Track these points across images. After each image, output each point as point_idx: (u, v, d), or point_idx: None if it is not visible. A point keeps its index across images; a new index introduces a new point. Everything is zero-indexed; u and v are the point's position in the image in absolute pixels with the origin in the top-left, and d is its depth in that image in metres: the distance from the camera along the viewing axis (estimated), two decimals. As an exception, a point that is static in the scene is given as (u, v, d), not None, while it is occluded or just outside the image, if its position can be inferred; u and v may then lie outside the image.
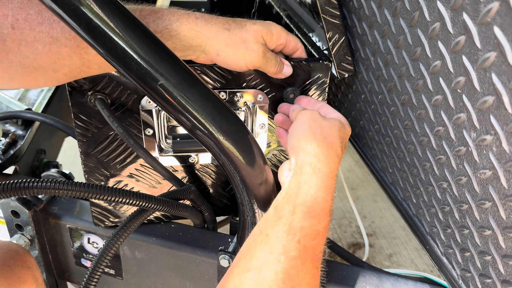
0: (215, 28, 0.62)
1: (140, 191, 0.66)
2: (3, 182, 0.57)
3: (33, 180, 0.58)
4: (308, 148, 0.55)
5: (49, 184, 0.58)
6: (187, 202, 0.79)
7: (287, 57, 0.73)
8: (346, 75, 0.79)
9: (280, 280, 0.48)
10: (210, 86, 0.67)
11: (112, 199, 0.62)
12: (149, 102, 0.70)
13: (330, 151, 0.56)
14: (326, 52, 0.80)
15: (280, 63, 0.68)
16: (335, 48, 0.75)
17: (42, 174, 1.02)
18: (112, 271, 0.87)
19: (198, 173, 0.81)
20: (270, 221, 0.53)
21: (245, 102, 0.73)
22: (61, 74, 0.57)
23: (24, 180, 0.58)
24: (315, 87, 0.74)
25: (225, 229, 0.91)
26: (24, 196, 0.79)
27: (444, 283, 0.72)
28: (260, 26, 0.65)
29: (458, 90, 0.51)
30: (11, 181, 0.58)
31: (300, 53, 0.73)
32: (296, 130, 0.59)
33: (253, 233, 0.54)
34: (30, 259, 0.73)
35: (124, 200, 0.63)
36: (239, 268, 0.51)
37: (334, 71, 0.78)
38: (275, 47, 0.69)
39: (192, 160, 0.78)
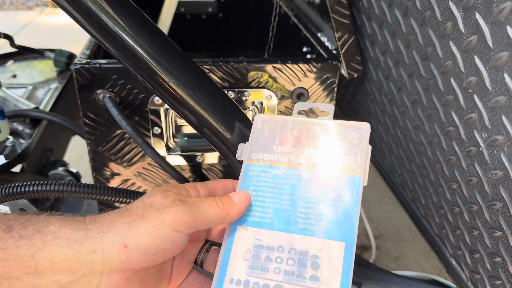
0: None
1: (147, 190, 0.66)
2: (10, 185, 0.56)
3: (39, 183, 0.58)
4: None
5: (55, 187, 0.57)
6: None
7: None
8: (355, 75, 0.79)
9: None
10: (219, 85, 0.67)
11: (118, 200, 0.61)
12: (158, 101, 0.70)
13: None
14: (334, 52, 0.80)
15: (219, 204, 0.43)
16: (344, 48, 0.75)
17: (50, 173, 1.02)
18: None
19: (205, 173, 0.81)
20: None
21: (253, 101, 0.73)
22: None
23: (30, 183, 0.57)
24: (323, 87, 0.74)
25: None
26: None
27: (452, 285, 0.72)
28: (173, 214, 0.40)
29: (470, 90, 0.51)
30: (17, 184, 0.57)
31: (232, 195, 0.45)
32: None
33: None
34: None
35: (130, 200, 0.62)
36: None
37: (343, 71, 0.78)
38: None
39: (199, 159, 0.78)
